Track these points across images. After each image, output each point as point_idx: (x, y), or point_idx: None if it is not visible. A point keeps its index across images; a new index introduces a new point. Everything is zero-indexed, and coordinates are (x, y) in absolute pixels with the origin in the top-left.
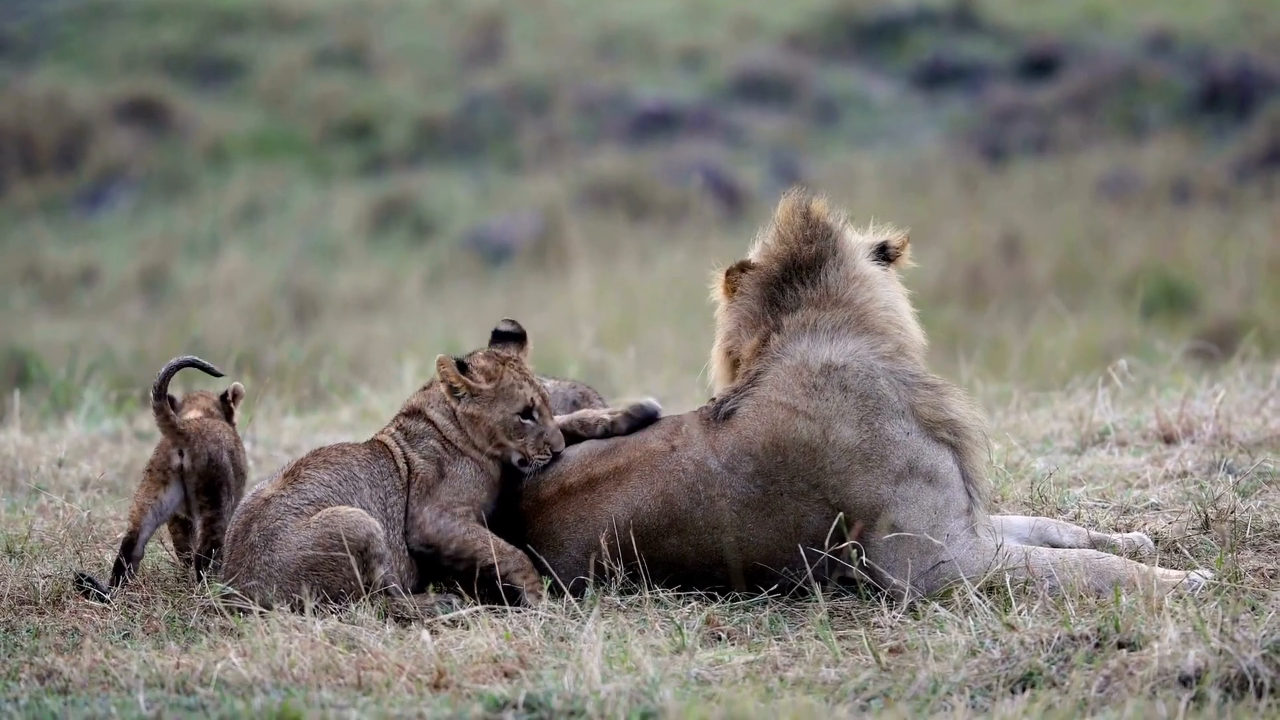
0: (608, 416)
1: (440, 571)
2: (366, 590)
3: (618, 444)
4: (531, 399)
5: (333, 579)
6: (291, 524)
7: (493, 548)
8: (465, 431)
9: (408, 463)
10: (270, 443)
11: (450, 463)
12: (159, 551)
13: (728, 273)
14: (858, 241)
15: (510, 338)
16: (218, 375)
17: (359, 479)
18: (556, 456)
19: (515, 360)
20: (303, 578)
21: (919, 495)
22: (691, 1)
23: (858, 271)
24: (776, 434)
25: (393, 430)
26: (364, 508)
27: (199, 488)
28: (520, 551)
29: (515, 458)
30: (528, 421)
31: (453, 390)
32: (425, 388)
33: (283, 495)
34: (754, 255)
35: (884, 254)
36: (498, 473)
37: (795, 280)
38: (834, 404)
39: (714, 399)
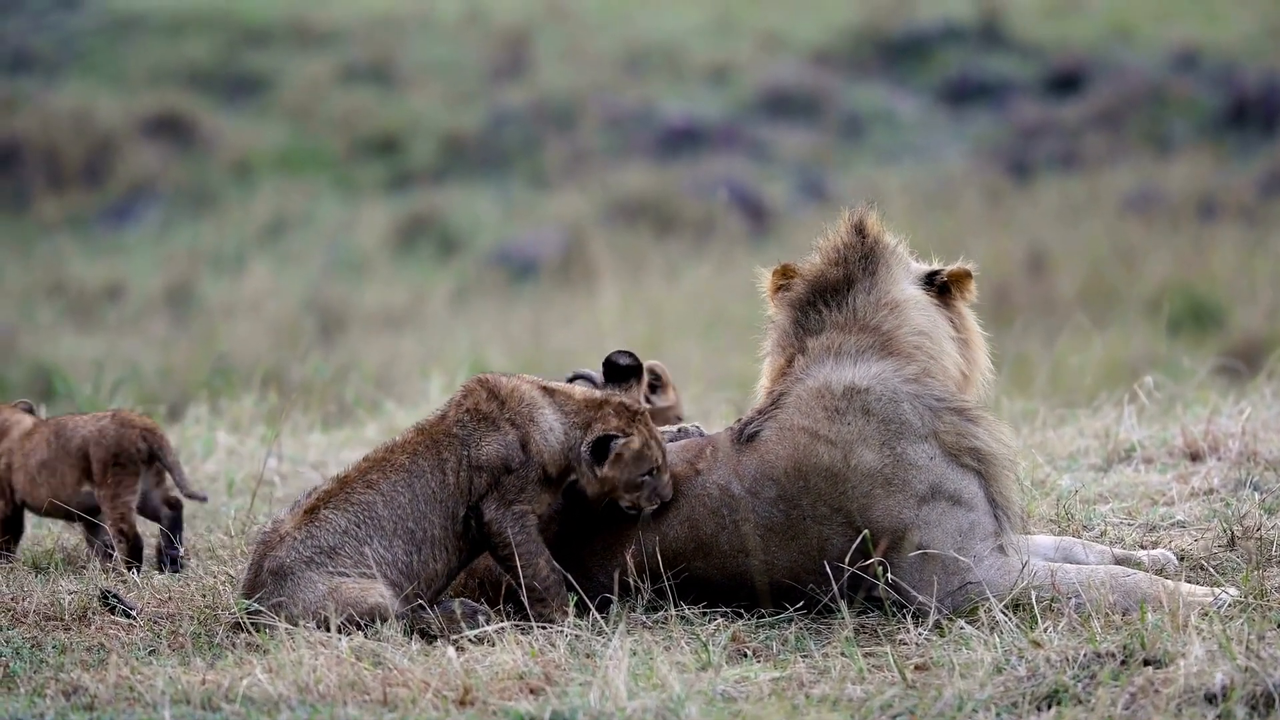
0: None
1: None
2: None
3: None
4: (657, 461)
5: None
6: (301, 575)
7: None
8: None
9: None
10: (296, 459)
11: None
12: (187, 568)
13: (774, 273)
14: (903, 266)
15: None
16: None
17: (380, 519)
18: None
19: (643, 417)
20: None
21: (943, 518)
22: (718, 17)
23: (891, 297)
24: (798, 458)
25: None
26: (378, 557)
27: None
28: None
29: (625, 504)
30: (647, 478)
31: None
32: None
33: (295, 539)
34: (803, 263)
35: (931, 282)
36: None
37: (820, 302)
38: (856, 428)
39: (739, 420)
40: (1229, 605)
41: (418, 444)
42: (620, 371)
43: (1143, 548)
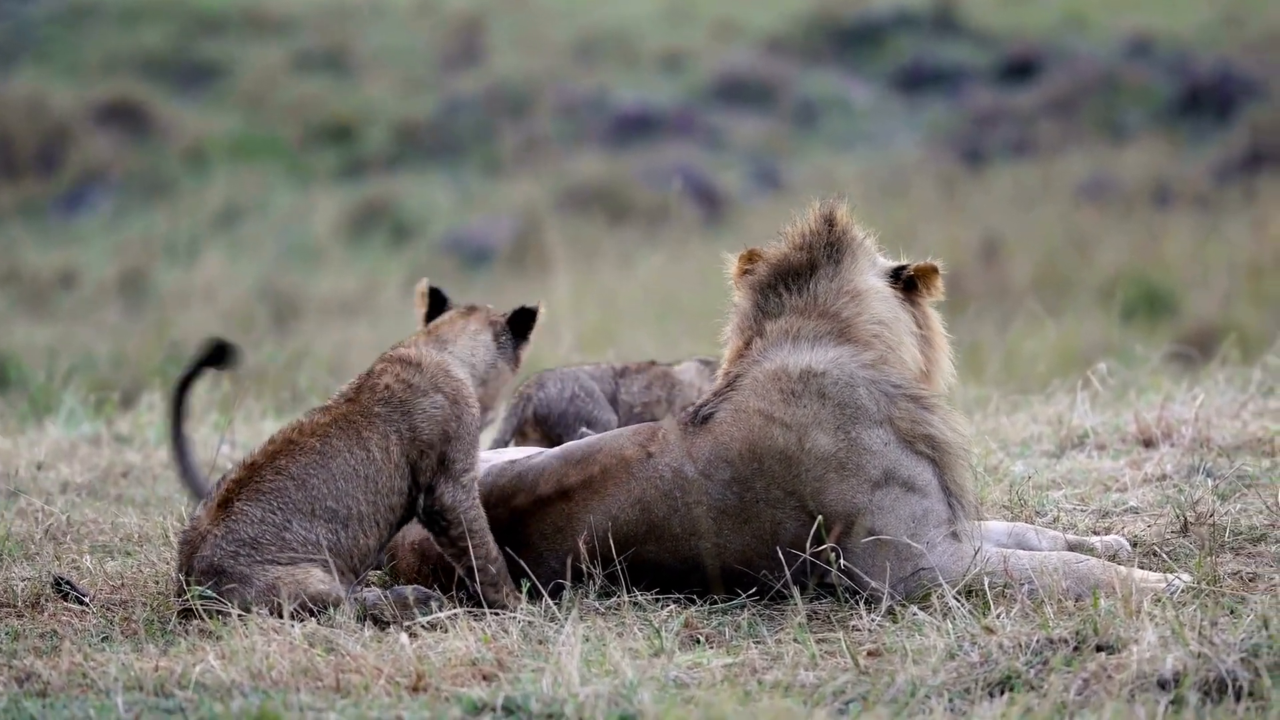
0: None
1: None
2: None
3: (592, 451)
4: None
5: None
6: (233, 571)
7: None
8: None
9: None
10: (249, 446)
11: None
12: (139, 554)
13: (740, 258)
14: (869, 259)
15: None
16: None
17: (296, 502)
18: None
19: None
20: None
21: (896, 504)
22: (671, 4)
23: (853, 286)
24: (753, 441)
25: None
26: (300, 540)
27: None
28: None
29: None
30: None
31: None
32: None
33: (215, 535)
34: (768, 248)
35: (898, 276)
36: None
37: (782, 286)
38: (811, 411)
39: (693, 405)
40: (1182, 591)
41: (328, 425)
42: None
43: (1096, 534)
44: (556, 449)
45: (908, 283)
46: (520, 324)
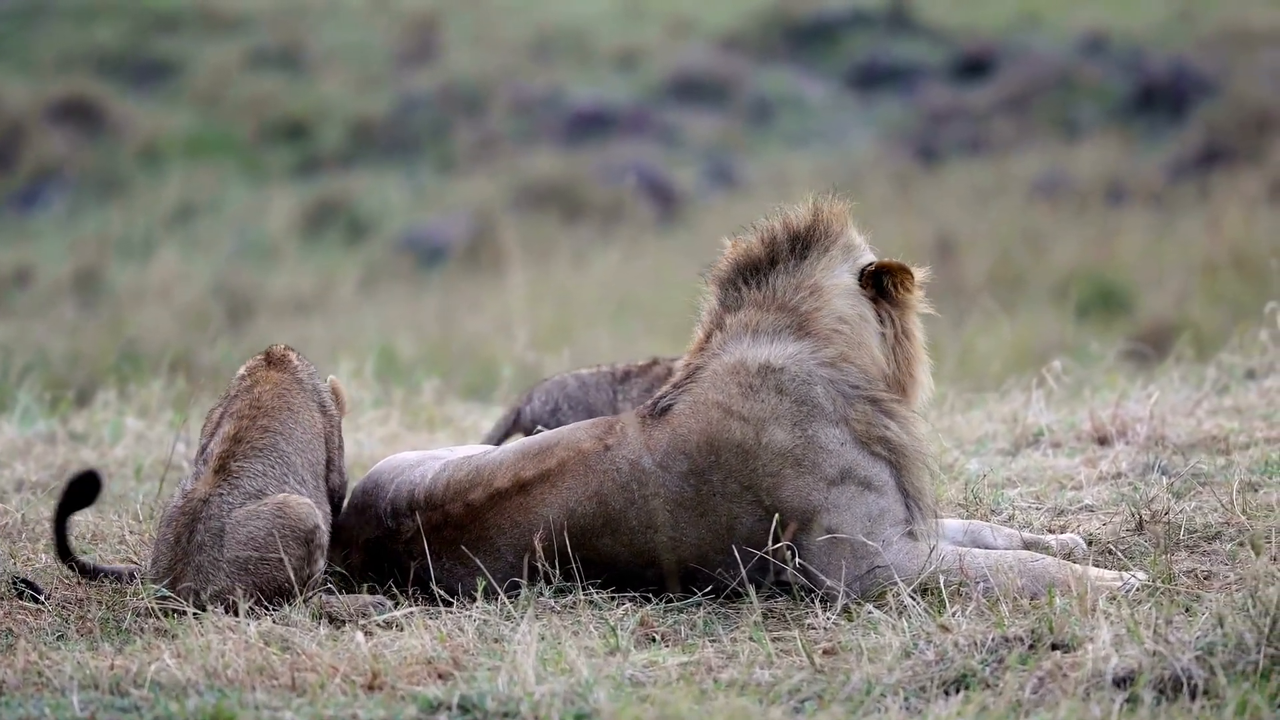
0: None
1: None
2: (304, 585)
3: (549, 445)
4: None
5: (278, 574)
6: (240, 518)
7: None
8: None
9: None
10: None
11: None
12: (94, 552)
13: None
14: (844, 255)
15: None
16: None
17: (289, 457)
18: None
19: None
20: (252, 570)
21: (853, 502)
22: (626, 2)
23: (814, 281)
24: (711, 433)
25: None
26: (299, 486)
27: None
28: None
29: None
30: None
31: None
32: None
33: (221, 493)
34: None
35: (863, 275)
36: None
37: (742, 280)
38: (769, 406)
39: (654, 396)
40: (1137, 589)
41: (279, 388)
42: None
43: (1051, 532)
44: (514, 443)
45: (877, 283)
46: None
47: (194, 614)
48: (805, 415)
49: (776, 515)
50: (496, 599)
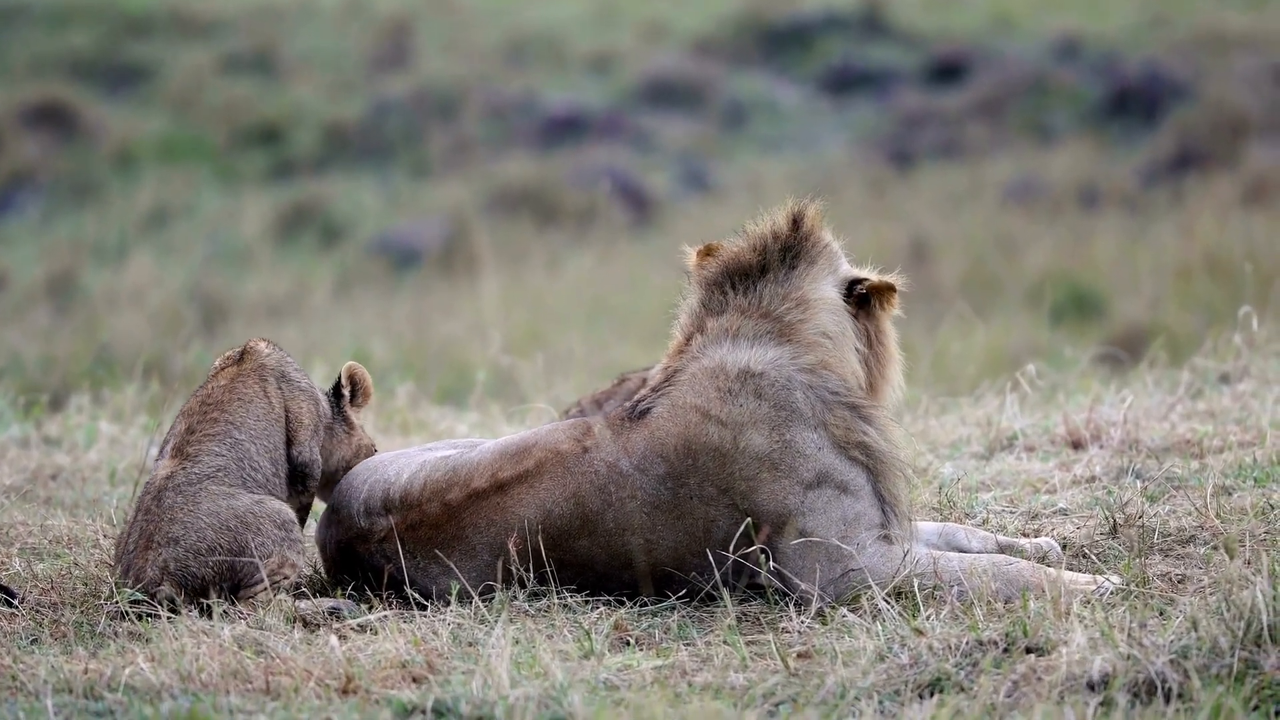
0: None
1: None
2: (273, 578)
3: (527, 446)
4: None
5: (240, 540)
6: (210, 489)
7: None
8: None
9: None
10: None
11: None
12: (68, 556)
13: (697, 253)
14: (829, 267)
15: None
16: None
17: (242, 444)
18: None
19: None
20: (216, 552)
21: (828, 505)
22: (600, 6)
23: (801, 294)
24: (688, 436)
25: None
26: (255, 469)
27: None
28: None
29: None
30: None
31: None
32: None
33: (185, 468)
34: (726, 244)
35: (850, 291)
36: None
37: (729, 284)
38: (747, 410)
39: (632, 398)
40: (1111, 593)
41: (235, 381)
42: None
43: (1025, 535)
44: (492, 443)
45: (861, 299)
46: None
47: (168, 618)
48: (783, 420)
49: (749, 519)
50: (471, 602)
